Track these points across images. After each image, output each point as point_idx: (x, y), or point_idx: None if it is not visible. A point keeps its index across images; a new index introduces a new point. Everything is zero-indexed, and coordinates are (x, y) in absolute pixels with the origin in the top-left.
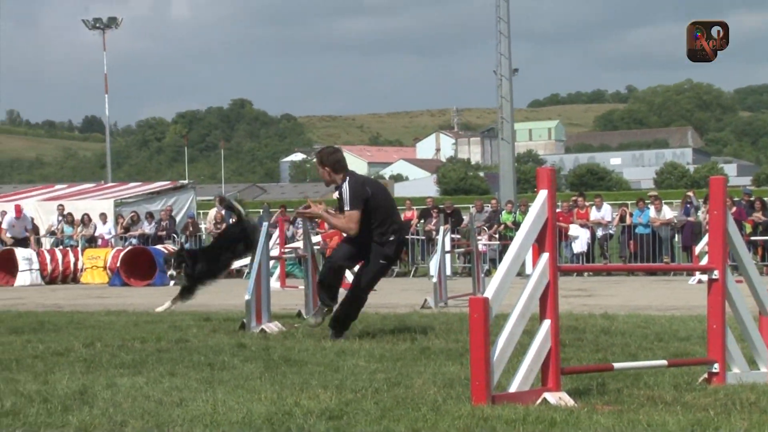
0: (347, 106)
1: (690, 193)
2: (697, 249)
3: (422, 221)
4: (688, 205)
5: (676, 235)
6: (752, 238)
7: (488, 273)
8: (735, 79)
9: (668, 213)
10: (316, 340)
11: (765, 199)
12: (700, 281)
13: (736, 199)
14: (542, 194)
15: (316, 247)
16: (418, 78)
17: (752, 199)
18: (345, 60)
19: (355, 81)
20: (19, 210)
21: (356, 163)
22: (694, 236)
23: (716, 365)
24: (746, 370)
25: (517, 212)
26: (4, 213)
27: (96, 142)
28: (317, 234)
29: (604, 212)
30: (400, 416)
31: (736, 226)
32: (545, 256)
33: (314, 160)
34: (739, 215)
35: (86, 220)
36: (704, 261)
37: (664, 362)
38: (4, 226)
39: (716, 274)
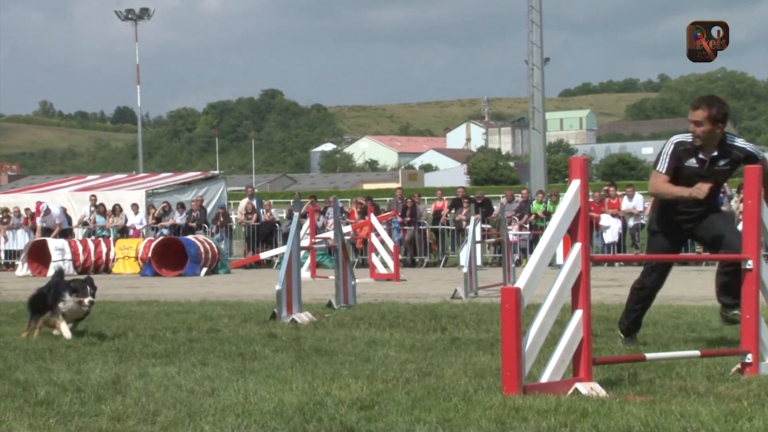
0: (377, 96)
1: None
2: None
3: (453, 211)
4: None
5: None
6: None
7: (518, 263)
8: None
9: None
10: (346, 330)
11: None
12: None
13: None
14: (575, 184)
15: (346, 238)
16: (448, 68)
17: None
18: (375, 50)
19: (385, 71)
20: (38, 210)
21: (386, 152)
22: None
23: (749, 355)
24: None
25: (548, 202)
26: (40, 204)
27: (127, 133)
28: (347, 224)
29: (636, 202)
30: (431, 406)
31: None
32: (578, 246)
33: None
34: None
35: (118, 211)
36: None
37: (697, 352)
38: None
39: (750, 263)
